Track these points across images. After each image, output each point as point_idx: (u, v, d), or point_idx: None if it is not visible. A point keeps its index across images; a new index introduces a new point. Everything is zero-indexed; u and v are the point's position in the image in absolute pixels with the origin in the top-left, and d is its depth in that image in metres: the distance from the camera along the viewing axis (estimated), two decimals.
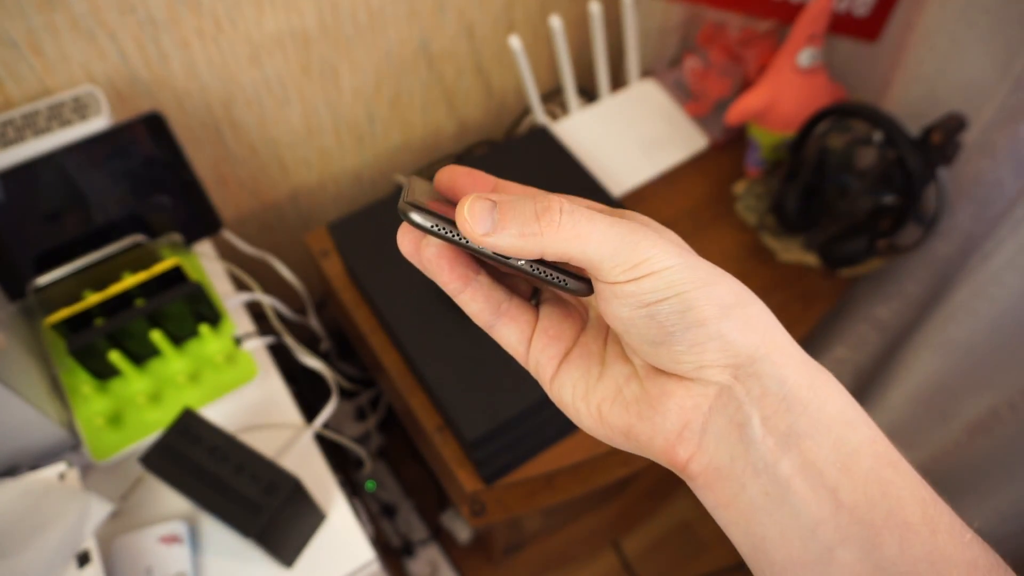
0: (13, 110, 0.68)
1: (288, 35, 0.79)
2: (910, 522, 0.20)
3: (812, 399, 0.21)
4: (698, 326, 0.21)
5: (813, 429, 0.20)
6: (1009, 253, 0.72)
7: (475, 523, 0.75)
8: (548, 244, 0.22)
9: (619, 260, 0.22)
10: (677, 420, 0.22)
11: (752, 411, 0.21)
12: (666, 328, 0.22)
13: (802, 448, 0.20)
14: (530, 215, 0.22)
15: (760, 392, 0.21)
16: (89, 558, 0.53)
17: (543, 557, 1.23)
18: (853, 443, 0.20)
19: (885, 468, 0.20)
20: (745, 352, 0.21)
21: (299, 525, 0.60)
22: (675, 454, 0.22)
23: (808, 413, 0.21)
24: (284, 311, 0.82)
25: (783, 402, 0.21)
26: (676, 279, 0.22)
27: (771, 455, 0.21)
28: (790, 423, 0.21)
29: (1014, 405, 0.79)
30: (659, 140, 0.96)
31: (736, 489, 0.21)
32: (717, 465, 0.22)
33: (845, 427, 0.21)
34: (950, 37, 0.74)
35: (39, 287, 0.68)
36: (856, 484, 0.20)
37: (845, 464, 0.20)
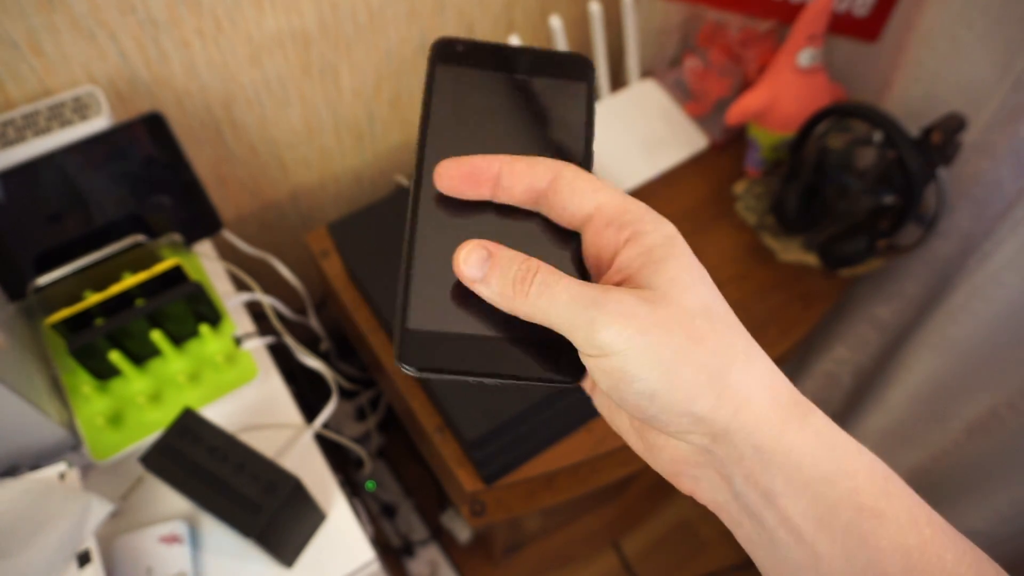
0: (13, 110, 0.68)
1: (288, 35, 0.79)
2: (887, 573, 0.20)
3: (786, 463, 0.22)
4: (666, 410, 0.22)
5: (789, 489, 0.21)
6: (1009, 253, 0.72)
7: (475, 523, 0.75)
8: (519, 309, 0.24)
9: (579, 338, 0.23)
10: (672, 467, 0.24)
11: (733, 470, 0.22)
12: (639, 406, 0.23)
13: (780, 506, 0.22)
14: (509, 279, 0.24)
15: (737, 456, 0.22)
16: (89, 558, 0.53)
17: (543, 557, 1.23)
18: (831, 499, 0.21)
19: (866, 520, 0.21)
20: (718, 426, 0.22)
21: (299, 525, 0.60)
22: (681, 487, 0.25)
23: (784, 474, 0.22)
24: (284, 311, 0.82)
25: (759, 464, 0.22)
26: (636, 366, 0.22)
27: (756, 506, 0.22)
28: (767, 483, 0.22)
29: (1014, 405, 0.79)
30: (659, 140, 0.96)
31: (735, 524, 0.23)
32: (716, 503, 0.24)
33: (823, 484, 0.21)
34: (950, 37, 0.74)
35: (39, 287, 0.68)
36: (834, 538, 0.21)
37: (822, 520, 0.21)
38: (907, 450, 0.97)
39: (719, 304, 0.24)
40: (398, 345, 0.25)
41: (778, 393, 0.23)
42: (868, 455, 0.22)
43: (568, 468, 0.73)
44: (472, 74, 0.29)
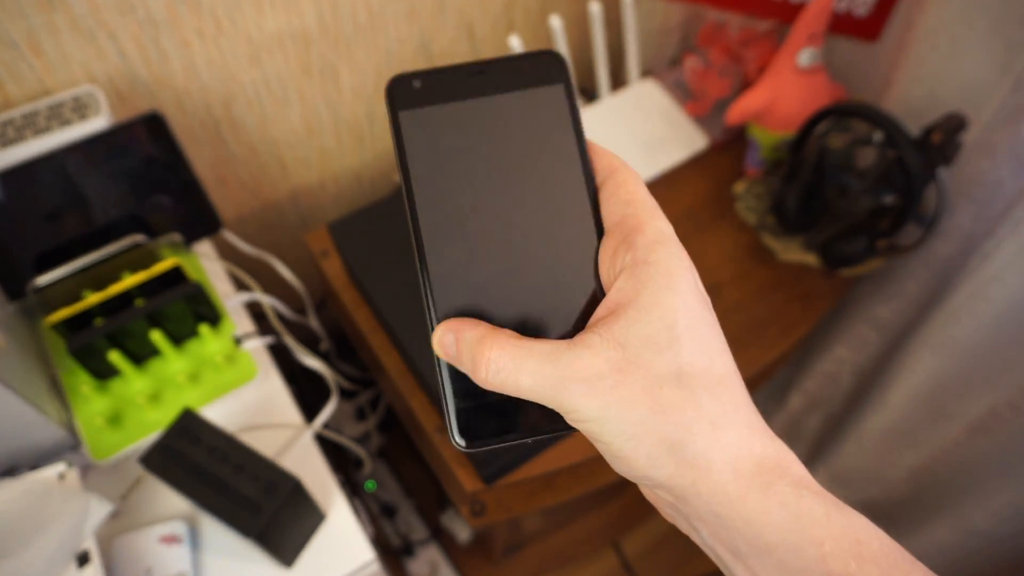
0: (13, 110, 0.68)
1: (288, 35, 0.79)
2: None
3: (747, 530, 0.22)
4: (631, 472, 0.23)
5: (754, 552, 0.22)
6: (1009, 253, 0.72)
7: (475, 523, 0.75)
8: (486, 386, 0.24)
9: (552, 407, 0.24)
10: (653, 502, 0.25)
11: (699, 526, 0.23)
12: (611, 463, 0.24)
13: (748, 564, 0.22)
14: (468, 363, 0.24)
15: (698, 517, 0.23)
16: (89, 558, 0.53)
17: (543, 557, 1.23)
18: (796, 566, 0.21)
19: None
20: (676, 492, 0.23)
21: (299, 525, 0.60)
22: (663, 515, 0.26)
23: (746, 540, 0.22)
24: (284, 311, 0.82)
25: (722, 529, 0.22)
26: (604, 433, 0.23)
27: (726, 559, 0.23)
28: (732, 543, 0.22)
29: (1014, 405, 0.79)
30: (659, 140, 0.96)
31: (717, 559, 0.24)
32: (699, 539, 0.24)
33: (787, 552, 0.21)
34: (950, 37, 0.74)
35: (39, 287, 0.68)
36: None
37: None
38: (907, 450, 0.97)
39: (701, 358, 0.23)
40: (451, 426, 0.25)
41: (741, 464, 0.22)
42: (839, 521, 0.22)
43: (568, 468, 0.73)
44: (438, 111, 0.26)
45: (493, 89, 0.26)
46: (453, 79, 0.26)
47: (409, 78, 0.26)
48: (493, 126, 0.26)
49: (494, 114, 0.26)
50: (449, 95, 0.26)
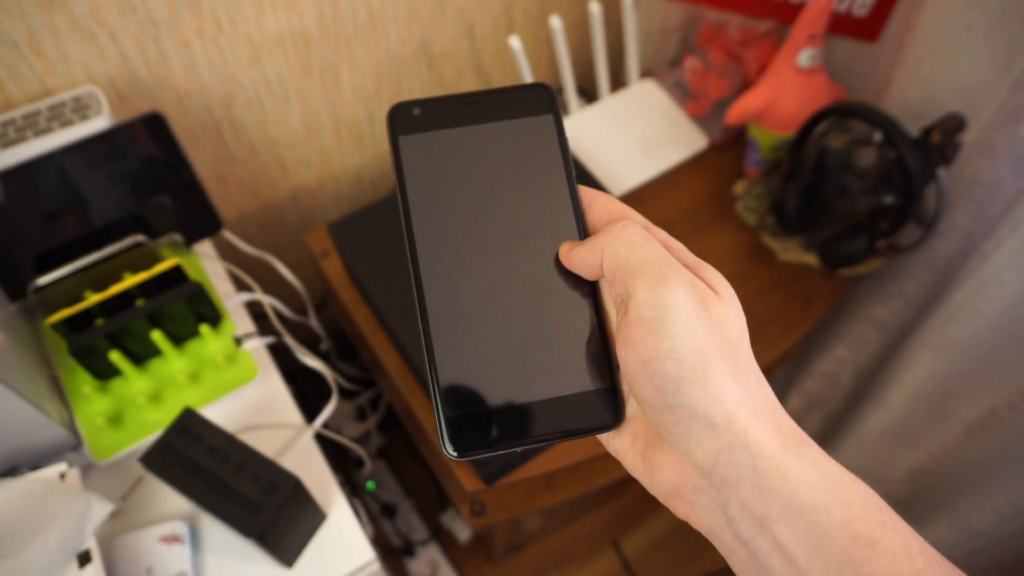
0: (14, 110, 0.68)
1: (288, 35, 0.79)
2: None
3: (784, 488, 0.22)
4: (687, 403, 0.23)
5: (786, 515, 0.22)
6: (1009, 253, 0.72)
7: (475, 523, 0.75)
8: (601, 242, 0.25)
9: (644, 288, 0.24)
10: (670, 489, 0.25)
11: (730, 496, 0.23)
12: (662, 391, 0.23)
13: (774, 533, 0.22)
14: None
15: (736, 480, 0.23)
16: (90, 558, 0.53)
17: (543, 557, 1.23)
18: (826, 526, 0.21)
19: (860, 549, 0.21)
20: (725, 440, 0.23)
21: (299, 525, 0.60)
22: (676, 511, 0.25)
23: (780, 500, 0.22)
24: (284, 311, 0.82)
25: (757, 490, 0.22)
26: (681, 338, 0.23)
27: (749, 533, 0.23)
28: (764, 509, 0.22)
29: (1014, 405, 0.79)
30: (659, 140, 0.96)
31: (728, 551, 0.24)
32: (709, 529, 0.24)
33: (818, 512, 0.22)
34: (950, 37, 0.74)
35: (39, 287, 0.68)
36: (826, 565, 0.21)
37: (816, 547, 0.21)
38: (907, 450, 0.97)
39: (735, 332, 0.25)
40: (441, 435, 0.26)
41: (779, 422, 0.24)
42: (862, 486, 0.23)
43: (568, 468, 0.73)
44: (436, 137, 0.28)
45: (487, 117, 0.28)
46: (450, 107, 0.29)
47: (409, 105, 0.29)
48: (486, 151, 0.28)
49: (487, 141, 0.28)
50: (446, 122, 0.28)
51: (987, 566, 0.90)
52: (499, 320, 0.27)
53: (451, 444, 0.26)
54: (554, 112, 0.29)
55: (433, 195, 0.28)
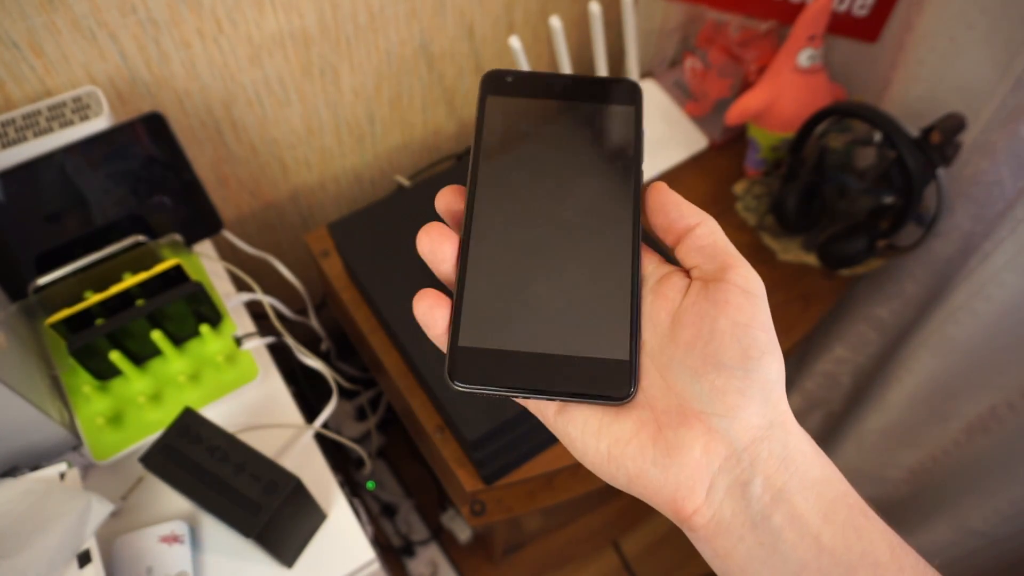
0: (14, 110, 0.68)
1: (288, 35, 0.80)
2: (880, 560, 0.23)
3: (802, 462, 0.24)
4: (762, 374, 0.24)
5: (802, 486, 0.24)
6: (1009, 253, 0.72)
7: (475, 523, 0.76)
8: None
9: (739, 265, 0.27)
10: (690, 474, 0.24)
11: (757, 472, 0.24)
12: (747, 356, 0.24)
13: (792, 503, 0.23)
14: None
15: (767, 455, 0.24)
16: (90, 558, 0.53)
17: (543, 557, 1.23)
18: (831, 496, 0.24)
19: (858, 517, 0.24)
20: (773, 416, 0.24)
21: (299, 525, 0.60)
22: (681, 506, 0.24)
23: (799, 474, 0.24)
24: (284, 311, 0.82)
25: (782, 463, 0.24)
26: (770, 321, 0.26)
27: (767, 509, 0.23)
28: (784, 481, 0.24)
29: (1013, 405, 0.79)
30: (659, 140, 0.96)
31: (735, 541, 0.24)
32: (720, 519, 0.24)
33: (826, 484, 0.24)
34: (949, 37, 0.74)
35: (40, 287, 0.68)
36: (836, 530, 0.23)
37: (826, 514, 0.23)
38: (907, 450, 0.98)
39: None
40: (448, 361, 0.26)
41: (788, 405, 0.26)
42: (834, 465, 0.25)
43: (568, 468, 0.73)
44: (521, 103, 0.30)
45: (572, 96, 0.30)
46: (542, 82, 0.30)
47: (503, 73, 0.30)
48: (564, 126, 0.30)
49: (568, 117, 0.30)
50: (534, 93, 0.30)
51: (987, 566, 0.90)
52: (535, 272, 0.27)
53: (454, 372, 0.26)
54: (636, 107, 0.30)
55: (503, 153, 0.29)
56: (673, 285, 0.27)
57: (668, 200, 0.28)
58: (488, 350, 0.26)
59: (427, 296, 0.26)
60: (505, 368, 0.26)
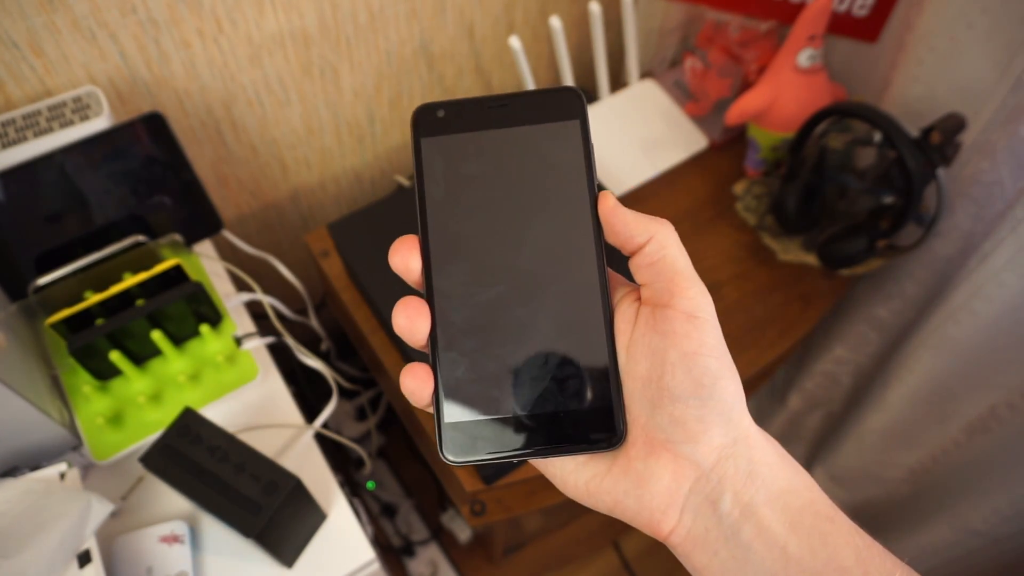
0: (14, 110, 0.68)
1: (288, 35, 0.80)
2: (845, 566, 0.23)
3: (768, 473, 0.25)
4: (718, 400, 0.25)
5: (768, 498, 0.24)
6: (1009, 253, 0.72)
7: (475, 523, 0.76)
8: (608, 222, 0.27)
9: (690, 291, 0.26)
10: (662, 500, 0.25)
11: (725, 489, 0.25)
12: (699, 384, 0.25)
13: (759, 516, 0.24)
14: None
15: (734, 471, 0.25)
16: (90, 558, 0.53)
17: (543, 557, 1.23)
18: (797, 506, 0.24)
19: (824, 523, 0.24)
20: (736, 434, 0.25)
21: (299, 525, 0.60)
22: (658, 528, 0.26)
23: (765, 486, 0.25)
24: (284, 311, 0.82)
25: (749, 477, 0.25)
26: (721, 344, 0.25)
27: (736, 524, 0.24)
28: (751, 495, 0.24)
29: (1013, 405, 0.79)
30: (659, 140, 0.96)
31: (710, 555, 0.25)
32: (694, 536, 0.25)
33: (791, 495, 0.25)
34: (949, 37, 0.74)
35: (40, 287, 0.68)
36: (802, 539, 0.24)
37: (792, 524, 0.24)
38: (907, 450, 0.97)
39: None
40: (438, 438, 0.26)
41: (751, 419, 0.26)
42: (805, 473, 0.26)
43: None
44: (459, 140, 0.28)
45: (512, 121, 0.28)
46: (476, 110, 0.28)
47: (434, 108, 0.28)
48: (508, 156, 0.27)
49: (510, 145, 0.28)
50: (469, 125, 0.28)
51: (987, 566, 0.90)
52: (507, 331, 0.27)
53: (447, 448, 0.26)
54: (582, 118, 0.28)
55: (450, 199, 0.27)
56: (623, 315, 0.27)
57: (615, 217, 0.27)
58: (474, 422, 0.26)
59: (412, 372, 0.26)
60: (494, 436, 0.26)
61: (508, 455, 0.26)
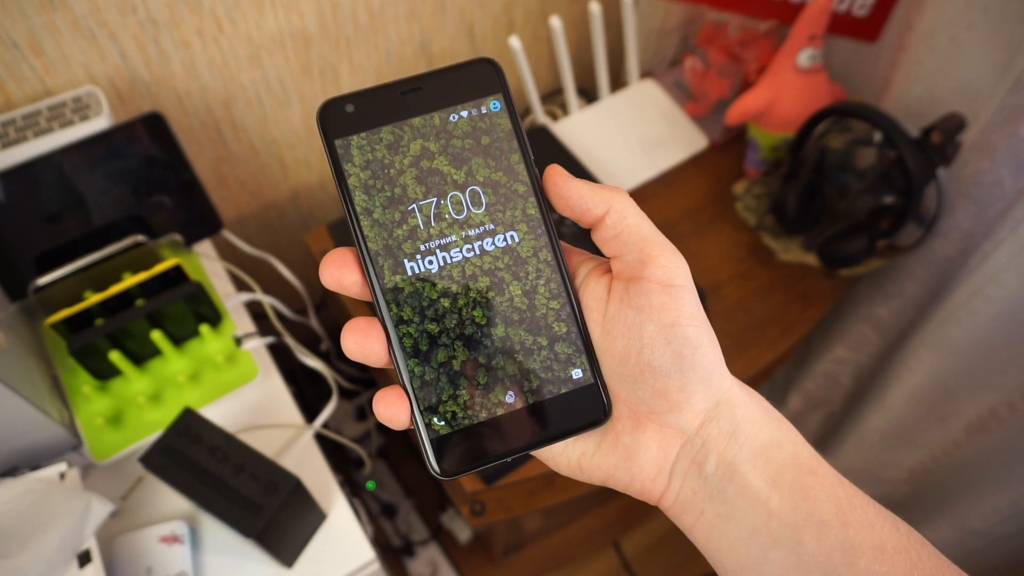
0: (14, 110, 0.68)
1: (288, 35, 0.80)
2: (825, 519, 0.24)
3: (750, 430, 0.25)
4: (700, 367, 0.25)
5: (751, 455, 0.25)
6: (1008, 253, 0.72)
7: (475, 523, 0.76)
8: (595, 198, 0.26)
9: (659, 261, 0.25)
10: (651, 469, 0.26)
11: (710, 451, 0.25)
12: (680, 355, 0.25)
13: (742, 472, 0.24)
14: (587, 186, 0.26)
15: (717, 433, 0.25)
16: (90, 558, 0.53)
17: (543, 557, 1.23)
18: (779, 460, 0.25)
19: (806, 476, 0.24)
20: (718, 396, 0.25)
21: (299, 525, 0.60)
22: (650, 495, 0.26)
23: (748, 443, 0.25)
24: (284, 311, 0.82)
25: (732, 436, 0.25)
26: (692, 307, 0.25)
27: (721, 483, 0.25)
28: (735, 453, 0.25)
29: (1013, 405, 0.79)
30: (659, 140, 0.96)
31: (697, 515, 0.26)
32: (683, 498, 0.26)
33: (774, 449, 0.25)
34: (949, 37, 0.74)
35: (40, 287, 0.68)
36: (782, 494, 0.24)
37: (774, 479, 0.24)
38: (907, 450, 0.97)
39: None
40: (432, 459, 0.25)
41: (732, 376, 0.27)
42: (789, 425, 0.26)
43: None
44: (374, 136, 0.25)
45: (429, 106, 0.25)
46: (387, 98, 0.25)
47: (341, 102, 0.25)
48: (433, 147, 0.25)
49: (433, 134, 0.25)
50: (383, 117, 0.25)
51: (987, 566, 0.90)
52: (469, 330, 0.25)
53: (437, 464, 0.25)
54: (503, 91, 0.25)
55: (379, 202, 0.25)
56: (594, 293, 0.26)
57: (567, 190, 0.25)
58: (459, 432, 0.25)
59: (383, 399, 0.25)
60: (481, 441, 0.25)
61: (499, 457, 0.26)
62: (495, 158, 0.25)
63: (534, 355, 0.26)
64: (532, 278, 0.26)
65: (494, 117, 0.25)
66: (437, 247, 0.25)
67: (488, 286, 0.26)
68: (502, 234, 0.26)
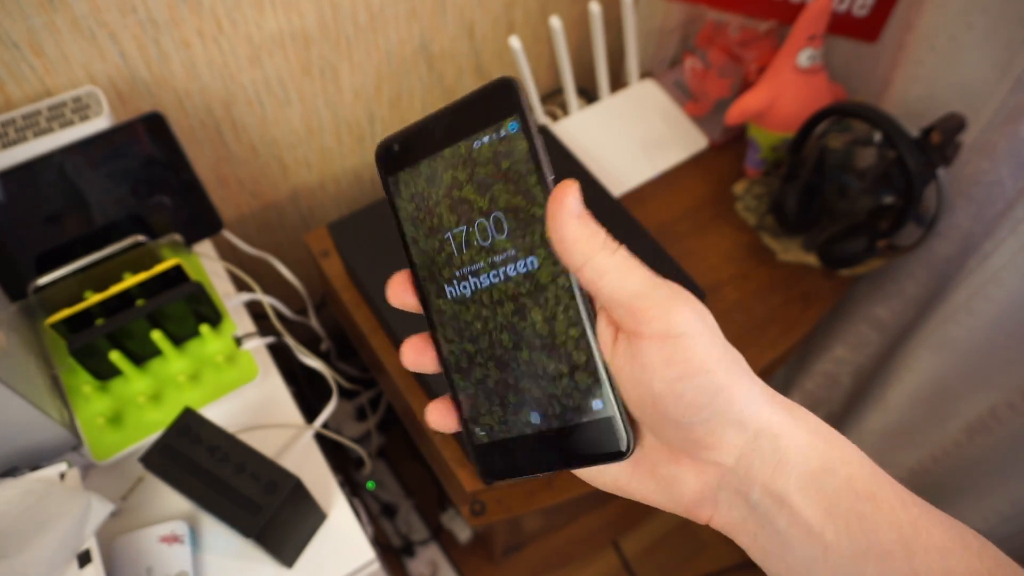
0: (14, 110, 0.68)
1: (288, 35, 0.80)
2: (888, 550, 0.22)
3: (798, 458, 0.23)
4: (723, 412, 0.23)
5: (800, 485, 0.23)
6: (1009, 253, 0.72)
7: (475, 523, 0.76)
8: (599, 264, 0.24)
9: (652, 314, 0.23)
10: (692, 497, 0.25)
11: (753, 483, 0.24)
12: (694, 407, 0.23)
13: (792, 504, 0.23)
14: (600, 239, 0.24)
15: (760, 464, 0.24)
16: (90, 558, 0.53)
17: (543, 557, 1.23)
18: (832, 487, 0.23)
19: (863, 503, 0.23)
20: (754, 427, 0.24)
21: (299, 525, 0.60)
22: (698, 518, 0.26)
23: (796, 471, 0.23)
24: (284, 311, 0.82)
25: (777, 467, 0.23)
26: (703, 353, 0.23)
27: (770, 513, 0.24)
28: (783, 484, 0.23)
29: (1013, 405, 0.79)
30: (659, 140, 0.96)
31: (751, 538, 0.25)
32: (732, 522, 0.25)
33: (826, 475, 0.23)
34: (949, 37, 0.74)
35: (40, 287, 0.68)
36: (838, 525, 0.23)
37: (827, 509, 0.23)
38: (907, 450, 0.98)
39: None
40: (475, 462, 0.28)
41: (772, 396, 0.25)
42: (853, 445, 0.24)
43: None
44: (416, 171, 0.28)
45: (456, 136, 0.26)
46: (424, 134, 0.27)
47: (389, 143, 0.28)
48: (461, 176, 0.26)
49: (460, 163, 0.26)
50: (422, 152, 0.27)
51: None
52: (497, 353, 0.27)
53: (485, 470, 0.28)
54: (519, 110, 0.25)
55: (423, 231, 0.28)
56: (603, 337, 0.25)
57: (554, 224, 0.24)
58: (497, 442, 0.28)
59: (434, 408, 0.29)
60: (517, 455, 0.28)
61: (531, 472, 0.27)
62: (514, 182, 0.25)
63: (556, 382, 0.26)
64: (551, 304, 0.26)
65: (512, 139, 0.25)
66: (468, 273, 0.27)
67: (513, 311, 0.27)
68: (523, 260, 0.26)
